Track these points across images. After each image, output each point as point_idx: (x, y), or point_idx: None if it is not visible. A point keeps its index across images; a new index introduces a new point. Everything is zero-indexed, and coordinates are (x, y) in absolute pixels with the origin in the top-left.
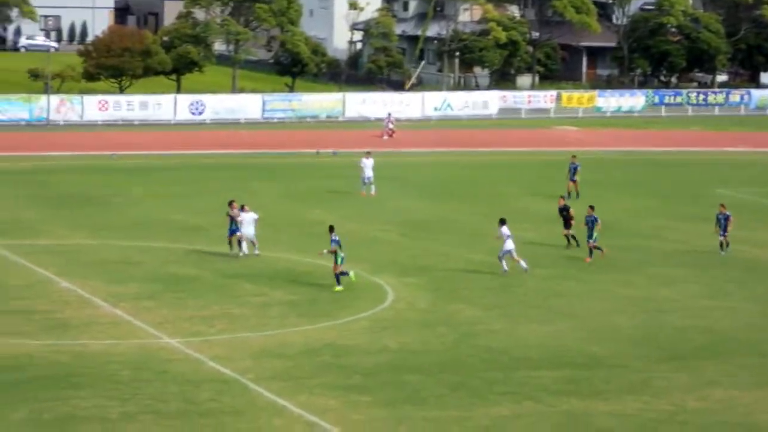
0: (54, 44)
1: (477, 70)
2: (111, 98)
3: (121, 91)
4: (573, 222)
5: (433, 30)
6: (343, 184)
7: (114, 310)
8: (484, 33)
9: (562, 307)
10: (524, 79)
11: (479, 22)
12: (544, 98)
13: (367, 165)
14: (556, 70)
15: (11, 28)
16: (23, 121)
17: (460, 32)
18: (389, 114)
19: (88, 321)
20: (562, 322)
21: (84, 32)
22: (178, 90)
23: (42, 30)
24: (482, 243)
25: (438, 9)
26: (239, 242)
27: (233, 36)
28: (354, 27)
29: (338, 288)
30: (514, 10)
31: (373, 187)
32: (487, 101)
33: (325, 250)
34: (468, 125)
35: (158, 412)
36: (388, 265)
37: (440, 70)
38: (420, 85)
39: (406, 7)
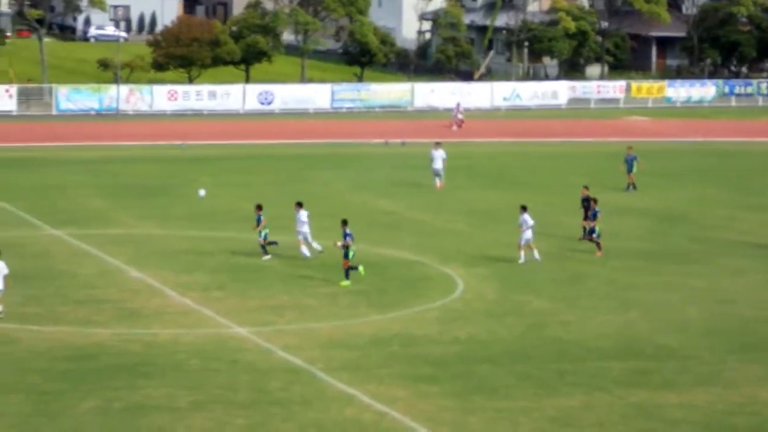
0: (123, 34)
1: (546, 60)
2: (180, 88)
3: (190, 81)
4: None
5: (501, 20)
6: (411, 175)
7: (183, 299)
8: (553, 23)
9: (631, 299)
10: (593, 69)
11: (548, 12)
12: (614, 88)
13: (437, 156)
14: (626, 60)
15: (81, 18)
16: (93, 110)
17: (529, 22)
18: (458, 104)
19: (157, 310)
20: (632, 313)
21: (153, 22)
22: (247, 80)
23: (111, 20)
24: (551, 233)
25: None
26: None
27: (302, 26)
28: (423, 17)
29: (345, 283)
30: (584, 0)
31: (438, 179)
32: (556, 91)
33: (339, 243)
34: (537, 115)
35: (228, 402)
36: (457, 255)
37: (509, 60)
38: (489, 75)
39: None
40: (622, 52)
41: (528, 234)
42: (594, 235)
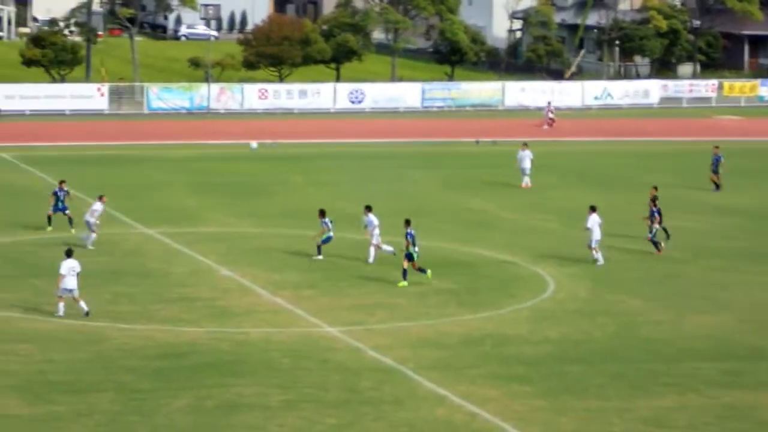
0: (214, 33)
1: (637, 58)
2: (270, 87)
3: (281, 79)
4: (659, 217)
5: (592, 18)
6: (502, 174)
7: (274, 298)
8: (645, 21)
9: (724, 299)
10: (685, 68)
11: (639, 10)
12: (706, 87)
13: (524, 156)
14: (718, 58)
15: (172, 17)
16: (184, 109)
17: (621, 21)
18: (549, 103)
19: (249, 309)
20: (726, 313)
21: (244, 21)
22: (338, 79)
23: (202, 19)
24: (643, 232)
25: None
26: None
27: (392, 25)
28: (513, 15)
29: (403, 283)
30: None
31: (526, 179)
32: (648, 90)
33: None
34: (628, 114)
35: (319, 401)
36: (549, 254)
37: (600, 59)
38: (580, 74)
39: None
40: (714, 51)
41: (597, 234)
42: (650, 236)
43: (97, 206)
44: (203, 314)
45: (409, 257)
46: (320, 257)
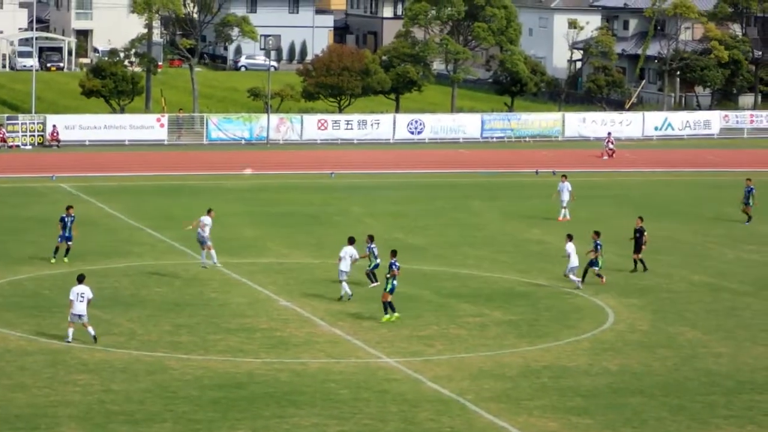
0: (274, 63)
1: (698, 89)
2: (330, 117)
3: (340, 110)
4: (644, 247)
5: (653, 49)
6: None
7: (333, 329)
8: (706, 52)
9: None
10: (746, 99)
11: (701, 40)
12: (767, 118)
13: (563, 188)
14: None
15: (232, 48)
16: (243, 140)
17: (681, 51)
18: (609, 133)
19: (307, 339)
20: None
21: (303, 51)
22: (397, 109)
23: (262, 49)
24: (705, 264)
25: (659, 28)
26: None
27: (452, 55)
28: (573, 46)
29: (387, 317)
30: (736, 29)
31: (566, 211)
32: (709, 121)
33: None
34: (689, 145)
35: None
36: (609, 286)
37: (661, 90)
38: (640, 105)
39: (626, 26)
40: None
41: (573, 261)
42: (595, 268)
43: (206, 220)
44: (262, 344)
45: (390, 290)
46: (376, 283)
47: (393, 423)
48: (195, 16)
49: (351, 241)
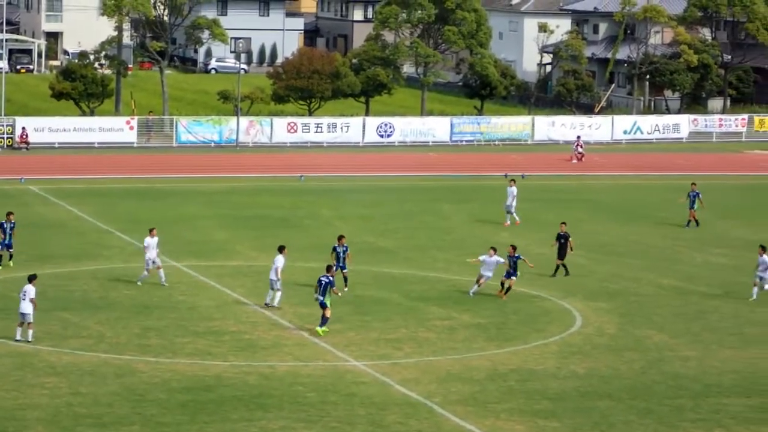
0: (244, 66)
1: (667, 93)
2: (300, 120)
3: (310, 113)
4: (571, 251)
5: (623, 53)
6: (531, 208)
7: (301, 332)
8: (675, 56)
9: (754, 334)
10: (715, 103)
11: (670, 44)
12: (736, 122)
13: (510, 193)
14: (749, 93)
15: (202, 51)
16: (213, 142)
17: (651, 55)
18: (578, 137)
19: (275, 342)
20: (754, 349)
21: (274, 54)
22: (367, 112)
23: (232, 52)
24: (673, 267)
25: (628, 32)
26: None
27: (422, 58)
28: (543, 50)
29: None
30: (706, 33)
31: (510, 216)
32: (678, 124)
33: (339, 293)
34: (658, 149)
35: None
36: (577, 289)
37: (630, 93)
38: (609, 108)
39: (596, 30)
40: (745, 86)
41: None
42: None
43: (148, 241)
44: (230, 348)
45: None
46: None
47: (361, 426)
48: (165, 18)
49: (281, 249)
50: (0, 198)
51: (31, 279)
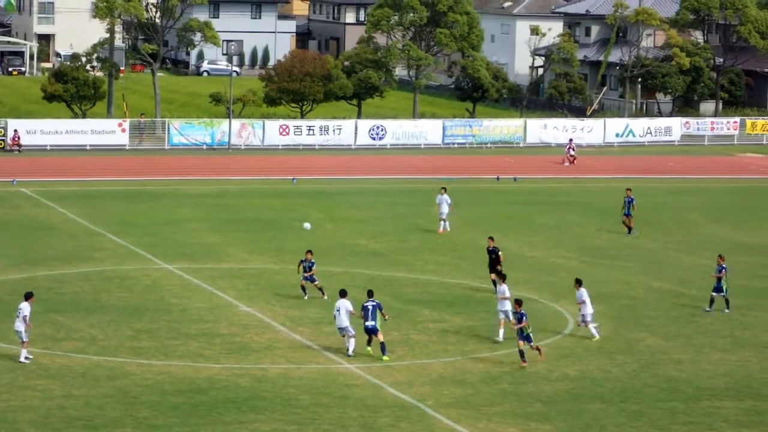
0: (236, 69)
1: (659, 96)
2: (292, 123)
3: (302, 115)
4: (500, 267)
5: (615, 55)
6: (522, 211)
7: (293, 334)
8: (667, 59)
9: (746, 337)
10: (707, 106)
11: (662, 47)
12: (728, 125)
13: (443, 201)
14: (741, 96)
15: (194, 53)
16: (205, 145)
17: (643, 58)
18: (570, 140)
19: (268, 345)
20: (748, 352)
21: (266, 57)
22: (359, 115)
23: (224, 54)
24: (665, 270)
25: (620, 34)
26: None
27: (414, 61)
28: (535, 52)
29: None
30: (698, 36)
31: (446, 223)
32: (670, 127)
33: (387, 317)
34: (650, 151)
35: None
36: (569, 292)
37: (622, 96)
38: (601, 111)
39: (588, 33)
40: (737, 89)
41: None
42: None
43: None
44: (222, 350)
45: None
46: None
47: (353, 428)
48: (157, 20)
49: (343, 293)
50: None
51: (28, 297)
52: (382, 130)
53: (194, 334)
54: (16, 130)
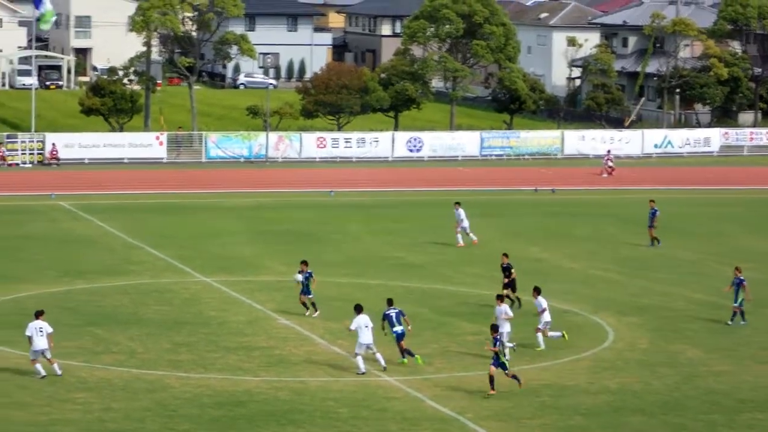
0: (272, 81)
1: (698, 106)
2: (329, 135)
3: (339, 128)
4: (508, 283)
5: (653, 66)
6: (561, 222)
7: (332, 347)
8: (705, 69)
9: None
10: (746, 116)
11: (700, 58)
12: (767, 135)
13: (460, 215)
14: None
15: (230, 66)
16: (242, 157)
17: (681, 68)
18: (608, 151)
19: (306, 358)
20: None
21: (302, 69)
22: (396, 127)
23: (261, 67)
24: (704, 282)
25: (658, 45)
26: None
27: (451, 73)
28: (573, 63)
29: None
30: (736, 46)
31: (461, 237)
32: (709, 138)
33: (410, 325)
34: (689, 162)
35: None
36: (608, 304)
37: (660, 107)
38: (639, 122)
39: (625, 44)
40: None
41: (546, 317)
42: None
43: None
44: (261, 363)
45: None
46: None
47: None
48: (194, 34)
49: (359, 309)
50: (30, 214)
51: (39, 314)
52: (419, 142)
53: (233, 347)
54: (54, 144)
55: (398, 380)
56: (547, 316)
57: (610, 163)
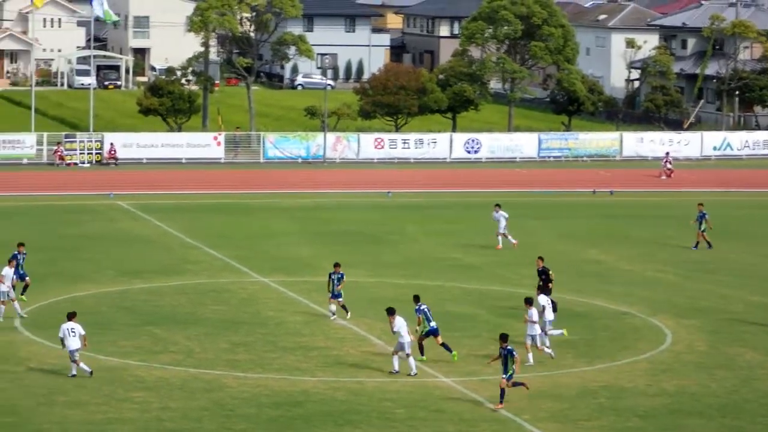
0: (330, 82)
1: (757, 109)
2: (387, 136)
3: (397, 129)
4: (551, 286)
5: (712, 68)
6: (619, 224)
7: (389, 347)
8: (765, 71)
9: None
10: None
11: (760, 60)
12: None
13: (500, 217)
14: None
15: (288, 67)
16: (300, 158)
17: (740, 70)
18: (667, 153)
19: (363, 358)
20: None
21: (360, 70)
22: (454, 128)
23: (318, 68)
24: (763, 284)
25: (717, 47)
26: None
27: (509, 74)
28: (631, 65)
29: (421, 358)
30: None
31: (504, 238)
32: None
33: (417, 327)
34: (748, 165)
35: None
36: (666, 306)
37: (719, 109)
38: (698, 124)
39: (684, 45)
40: None
41: (535, 329)
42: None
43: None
44: (318, 363)
45: (430, 333)
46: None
47: None
48: (252, 34)
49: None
50: (89, 214)
51: (72, 316)
52: (477, 143)
53: (290, 347)
54: (112, 144)
55: (455, 381)
56: (549, 315)
57: (669, 165)
